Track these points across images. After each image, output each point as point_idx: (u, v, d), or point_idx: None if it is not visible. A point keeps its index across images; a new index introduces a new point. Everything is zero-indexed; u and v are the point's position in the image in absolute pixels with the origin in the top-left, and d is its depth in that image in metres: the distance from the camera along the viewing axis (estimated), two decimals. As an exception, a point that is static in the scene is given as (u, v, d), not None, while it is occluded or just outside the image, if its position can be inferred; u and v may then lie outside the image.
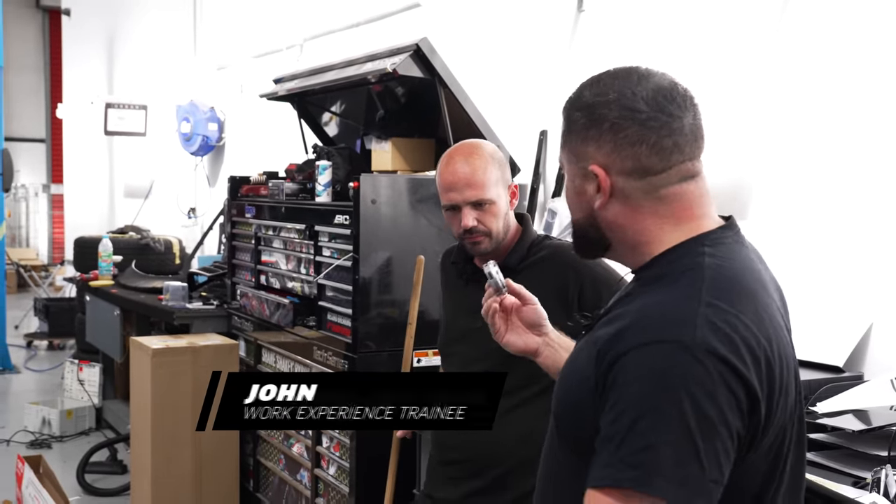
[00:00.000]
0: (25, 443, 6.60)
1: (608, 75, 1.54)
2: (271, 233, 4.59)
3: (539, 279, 2.41)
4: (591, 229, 1.54)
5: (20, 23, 18.38)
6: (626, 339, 1.34)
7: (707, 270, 1.40)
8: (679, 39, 3.41)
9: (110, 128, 8.28)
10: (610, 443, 1.31)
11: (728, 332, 1.32)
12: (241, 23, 6.90)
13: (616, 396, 1.32)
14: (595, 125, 1.48)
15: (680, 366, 1.28)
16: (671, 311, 1.35)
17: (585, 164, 1.50)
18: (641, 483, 1.27)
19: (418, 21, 4.88)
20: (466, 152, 2.56)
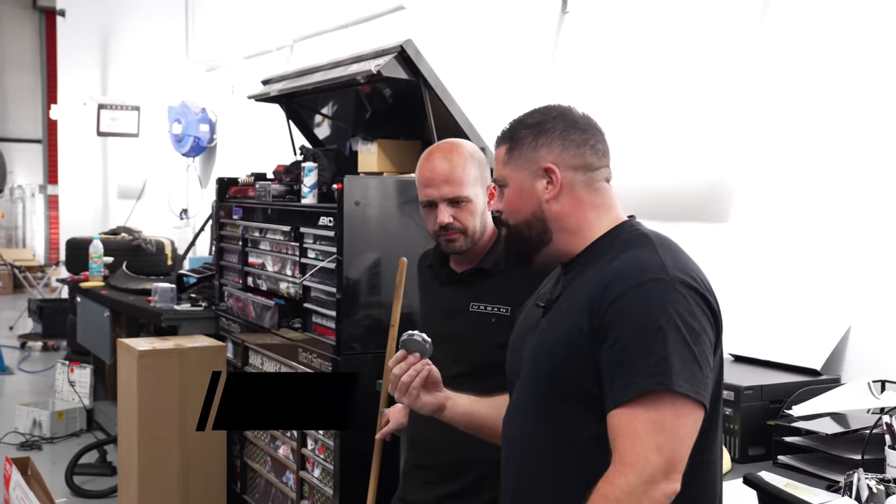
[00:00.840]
0: (16, 444, 6.59)
1: (541, 107, 1.94)
2: (258, 234, 4.59)
3: (515, 283, 2.39)
4: (536, 224, 1.88)
5: (17, 23, 18.39)
6: (616, 287, 1.70)
7: (651, 236, 1.83)
8: (662, 40, 3.40)
9: (103, 129, 8.27)
10: (625, 365, 1.65)
11: (688, 270, 1.74)
12: (232, 24, 6.90)
13: (619, 330, 1.67)
14: (545, 134, 1.88)
15: (665, 295, 1.67)
16: (644, 262, 1.73)
17: (537, 165, 1.87)
18: (665, 384, 1.62)
19: (405, 23, 4.88)
20: (446, 150, 2.58)
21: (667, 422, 1.62)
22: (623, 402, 1.64)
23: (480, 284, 2.60)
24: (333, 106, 4.94)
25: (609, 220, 1.89)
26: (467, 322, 2.57)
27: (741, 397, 2.48)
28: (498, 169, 1.94)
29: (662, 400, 1.62)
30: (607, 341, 1.69)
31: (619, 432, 1.65)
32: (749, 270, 3.08)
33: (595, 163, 1.88)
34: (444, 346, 2.52)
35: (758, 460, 2.48)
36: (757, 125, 3.10)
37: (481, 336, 2.53)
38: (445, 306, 2.64)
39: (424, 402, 2.09)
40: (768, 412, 2.51)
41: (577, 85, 3.75)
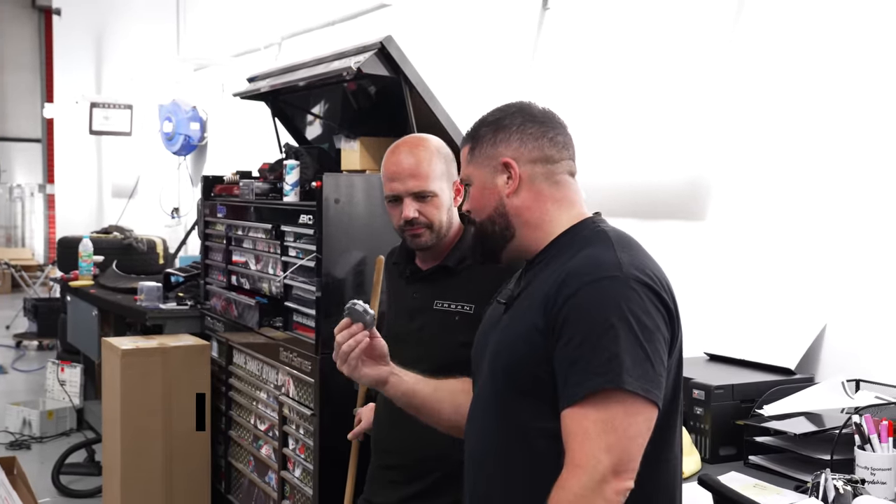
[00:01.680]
0: (5, 443, 6.57)
1: (502, 105, 1.93)
2: (241, 233, 4.56)
3: (480, 281, 2.37)
4: (498, 219, 1.87)
5: (16, 22, 18.40)
6: (571, 284, 1.69)
7: (610, 233, 1.81)
8: (641, 37, 3.37)
9: (95, 127, 8.25)
10: (577, 363, 1.64)
11: (642, 267, 1.71)
12: (222, 21, 6.88)
13: (573, 328, 1.66)
14: (503, 130, 1.88)
15: (619, 292, 1.66)
16: (599, 259, 1.72)
17: (496, 161, 1.87)
18: (614, 382, 1.60)
19: (391, 19, 4.85)
20: (412, 144, 2.56)
21: (616, 421, 1.61)
22: (574, 401, 1.63)
23: (444, 282, 2.57)
24: (318, 103, 4.91)
25: (571, 215, 1.87)
26: (431, 320, 2.55)
27: (712, 397, 2.45)
28: (462, 168, 1.95)
29: (612, 398, 1.61)
30: (561, 339, 1.67)
31: (571, 432, 1.64)
32: (725, 268, 3.05)
33: (555, 155, 1.87)
34: (408, 344, 2.53)
35: (729, 460, 2.45)
36: (735, 123, 3.07)
37: (445, 334, 2.51)
38: (410, 304, 2.62)
39: (364, 373, 2.06)
40: (740, 412, 2.48)
41: (558, 81, 3.72)
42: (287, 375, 4.03)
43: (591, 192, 3.40)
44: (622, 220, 3.37)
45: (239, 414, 4.61)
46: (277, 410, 4.12)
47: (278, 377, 4.13)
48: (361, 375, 2.05)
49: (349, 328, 2.03)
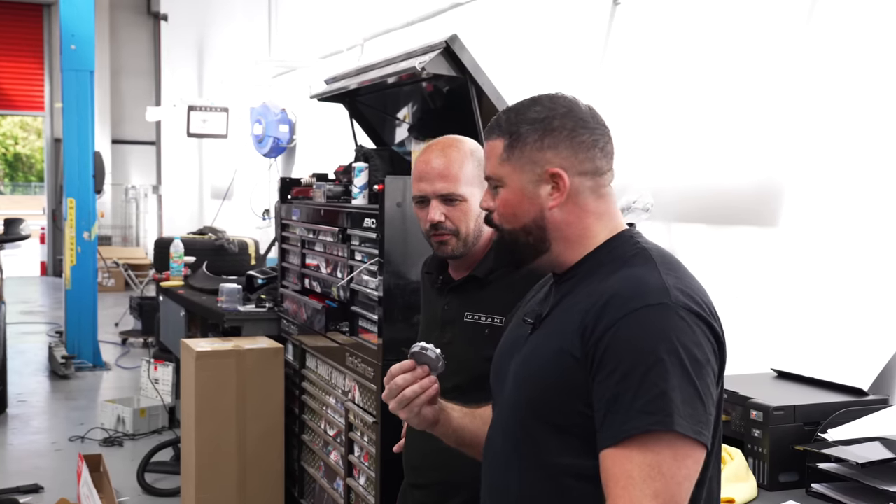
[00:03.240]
0: (99, 440, 6.73)
1: (544, 97, 1.75)
2: (312, 236, 4.53)
3: (511, 292, 2.22)
4: (535, 231, 1.71)
5: (132, 29, 18.97)
6: (612, 311, 1.54)
7: (652, 252, 1.67)
8: (713, 35, 3.19)
9: (193, 130, 8.40)
10: (620, 400, 1.49)
11: (691, 293, 1.57)
12: (309, 24, 6.90)
13: (616, 360, 1.51)
14: (552, 134, 1.69)
15: (668, 322, 1.51)
16: (644, 283, 1.57)
17: (542, 168, 1.69)
18: (664, 424, 1.45)
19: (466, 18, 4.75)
20: (444, 144, 2.44)
21: (664, 466, 1.46)
22: (616, 442, 1.49)
23: (475, 293, 2.45)
24: (396, 104, 4.85)
25: (609, 228, 1.73)
26: (462, 333, 2.44)
27: (770, 418, 2.27)
28: (492, 165, 1.76)
29: (661, 441, 1.47)
30: (601, 371, 1.53)
31: (612, 475, 1.50)
32: (797, 278, 2.84)
33: (603, 166, 1.71)
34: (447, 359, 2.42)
35: (790, 488, 2.26)
36: (810, 123, 2.85)
37: (475, 347, 2.38)
38: (442, 316, 2.51)
39: (423, 417, 1.92)
40: (802, 435, 2.29)
41: (628, 80, 3.55)
42: (353, 381, 3.97)
43: (659, 197, 3.24)
44: (690, 225, 3.19)
45: (311, 418, 4.58)
46: (344, 416, 4.06)
47: (345, 382, 4.08)
48: (421, 421, 1.92)
49: (414, 371, 1.89)
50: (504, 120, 1.75)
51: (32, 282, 17.55)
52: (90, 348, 9.48)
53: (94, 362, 9.44)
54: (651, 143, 3.40)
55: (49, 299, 15.00)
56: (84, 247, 9.41)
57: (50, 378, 9.00)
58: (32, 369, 9.36)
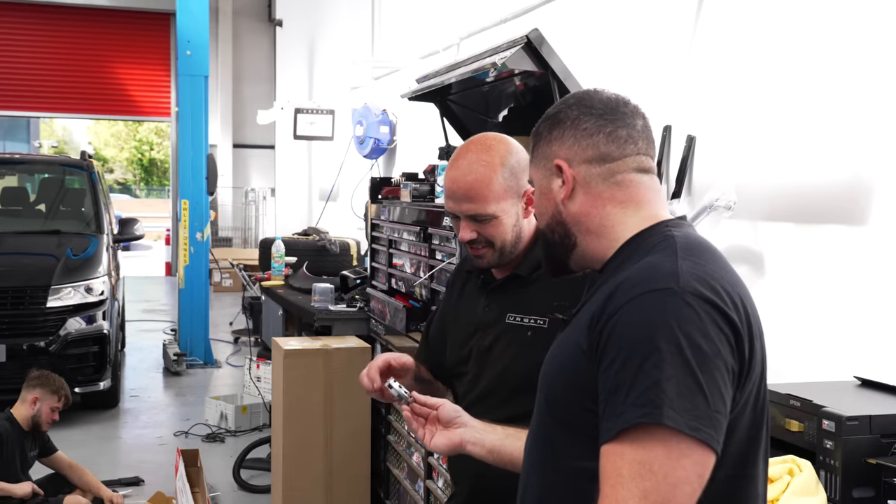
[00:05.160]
0: (202, 436, 6.87)
1: (567, 96, 1.71)
2: (398, 235, 4.50)
3: (554, 289, 2.15)
4: (557, 227, 1.66)
5: (254, 36, 19.44)
6: (616, 299, 1.44)
7: (677, 239, 1.54)
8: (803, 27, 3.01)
9: (300, 132, 8.51)
10: (618, 392, 1.38)
11: (706, 278, 1.44)
12: (410, 25, 6.90)
13: (615, 350, 1.40)
14: (557, 126, 1.65)
15: (671, 308, 1.38)
16: (654, 268, 1.46)
17: (550, 162, 1.65)
18: (652, 416, 1.32)
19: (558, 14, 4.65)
20: (472, 159, 2.22)
21: (656, 464, 1.33)
22: (610, 437, 1.37)
23: (517, 293, 2.31)
24: (485, 102, 4.78)
25: (639, 218, 1.62)
26: (503, 336, 2.29)
27: (843, 428, 2.10)
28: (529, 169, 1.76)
29: (653, 436, 1.33)
30: (603, 362, 1.42)
31: (604, 473, 1.38)
32: (887, 280, 2.64)
33: (613, 152, 1.61)
34: (479, 361, 2.32)
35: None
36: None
37: (518, 352, 2.25)
38: (482, 318, 2.36)
39: (437, 444, 1.94)
40: (878, 447, 2.12)
41: (714, 75, 3.40)
42: (433, 382, 3.92)
43: (743, 194, 3.08)
44: (777, 224, 3.03)
45: (396, 419, 4.55)
46: (424, 418, 4.01)
47: (426, 383, 4.03)
48: (435, 446, 1.93)
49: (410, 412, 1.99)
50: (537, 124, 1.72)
51: (157, 281, 18.16)
52: (202, 346, 9.72)
53: (206, 360, 9.67)
54: (736, 139, 3.24)
55: (170, 298, 15.47)
56: (197, 247, 9.66)
57: (163, 374, 9.26)
58: (147, 366, 9.66)
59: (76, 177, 8.87)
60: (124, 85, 19.06)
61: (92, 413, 7.43)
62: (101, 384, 7.30)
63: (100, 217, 8.16)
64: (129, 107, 19.34)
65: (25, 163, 10.30)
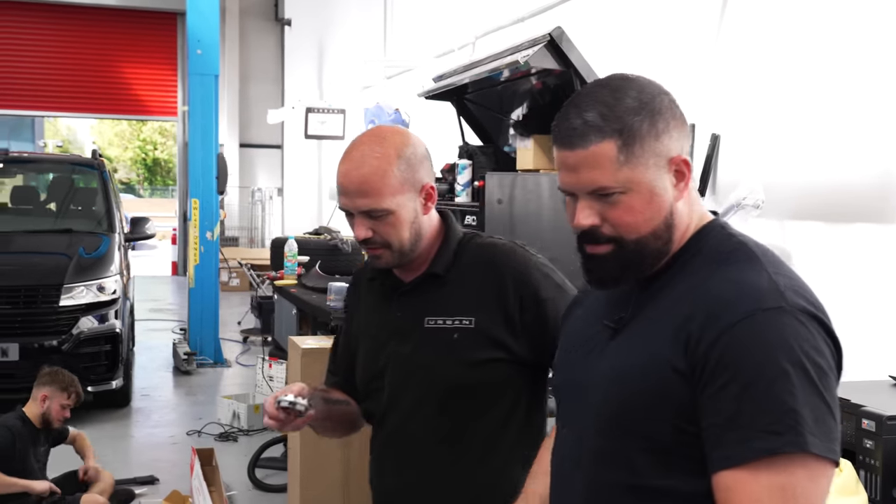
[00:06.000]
0: (215, 435, 6.86)
1: (624, 79, 1.53)
2: (416, 234, 4.49)
3: (473, 285, 2.10)
4: (664, 233, 1.51)
5: (261, 35, 19.44)
6: (723, 319, 1.38)
7: (752, 247, 1.49)
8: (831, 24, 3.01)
9: (310, 132, 8.51)
10: (740, 417, 1.34)
11: (803, 293, 1.41)
12: (423, 24, 6.90)
13: (730, 372, 1.36)
14: (659, 117, 1.49)
15: (788, 328, 1.35)
16: (754, 284, 1.40)
17: (663, 159, 1.49)
18: (797, 445, 1.31)
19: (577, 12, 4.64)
20: (366, 148, 2.08)
21: (799, 488, 1.33)
22: (739, 463, 1.35)
23: (434, 294, 2.16)
24: (501, 102, 4.78)
25: (698, 216, 1.56)
26: (424, 342, 2.14)
27: (884, 428, 2.09)
28: (608, 174, 1.48)
29: (794, 462, 1.33)
30: (711, 385, 1.38)
31: (735, 499, 1.36)
32: (921, 279, 2.64)
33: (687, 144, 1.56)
34: (400, 372, 2.17)
35: (905, 504, 2.09)
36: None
37: (444, 357, 2.11)
38: (394, 326, 2.19)
39: None
40: (919, 448, 2.11)
41: (740, 73, 3.39)
42: (453, 381, 3.91)
43: (771, 193, 3.07)
44: (805, 223, 3.02)
45: (414, 418, 4.54)
46: (445, 417, 4.01)
47: (446, 383, 4.02)
48: None
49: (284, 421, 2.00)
50: (598, 118, 1.48)
51: (164, 281, 18.16)
52: (211, 345, 9.72)
53: (215, 359, 9.67)
54: (762, 137, 3.23)
55: (178, 298, 15.48)
56: (207, 246, 9.66)
57: (173, 374, 9.26)
58: (157, 365, 9.65)
59: (87, 175, 8.87)
60: (130, 84, 19.08)
61: (104, 412, 7.42)
62: (114, 383, 7.30)
63: (111, 216, 8.16)
64: (136, 106, 19.36)
65: (36, 162, 10.29)
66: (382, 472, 2.28)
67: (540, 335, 2.06)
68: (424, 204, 2.11)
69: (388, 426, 2.20)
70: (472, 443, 2.10)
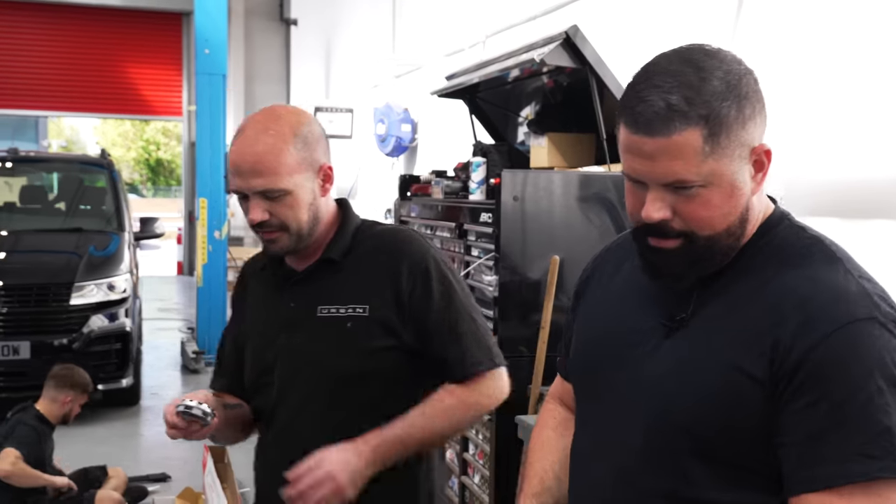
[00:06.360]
0: (225, 433, 6.88)
1: (707, 54, 1.37)
2: (430, 232, 4.51)
3: (368, 272, 2.05)
4: (738, 229, 1.39)
5: (266, 35, 19.45)
6: (815, 327, 1.29)
7: (828, 244, 1.40)
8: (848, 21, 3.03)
9: (319, 131, 8.54)
10: (830, 436, 1.26)
11: (891, 302, 1.33)
12: (432, 22, 6.92)
13: (823, 387, 1.27)
14: (747, 102, 1.35)
15: (883, 340, 1.27)
16: (843, 290, 1.32)
17: (746, 149, 1.35)
18: (894, 470, 1.24)
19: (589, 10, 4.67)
20: (260, 126, 1.99)
21: None
22: (827, 486, 1.28)
23: (327, 281, 2.10)
24: (514, 100, 4.80)
25: (763, 204, 1.44)
26: (316, 332, 2.07)
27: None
28: (692, 166, 1.33)
29: (889, 488, 1.26)
30: (800, 399, 1.30)
31: None
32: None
33: None
34: (290, 365, 2.09)
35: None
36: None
37: (337, 347, 2.05)
38: (286, 316, 2.12)
39: None
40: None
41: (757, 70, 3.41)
42: (468, 378, 3.93)
43: (789, 189, 3.09)
44: (823, 219, 3.04)
45: (427, 415, 4.56)
46: (459, 413, 4.03)
47: (461, 379, 4.04)
48: None
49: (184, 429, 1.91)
50: (683, 101, 1.32)
51: (169, 281, 18.20)
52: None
53: (223, 357, 9.69)
54: (782, 134, 3.25)
55: (184, 297, 15.52)
56: (215, 245, 9.68)
57: (181, 372, 9.28)
58: (165, 364, 9.68)
59: (96, 175, 8.89)
60: (135, 84, 19.10)
61: (113, 410, 7.44)
62: (124, 381, 7.31)
63: (121, 214, 8.18)
64: (140, 106, 19.38)
65: (45, 161, 10.31)
66: (267, 473, 2.12)
67: (423, 323, 2.02)
68: (322, 185, 2.05)
69: (276, 424, 2.10)
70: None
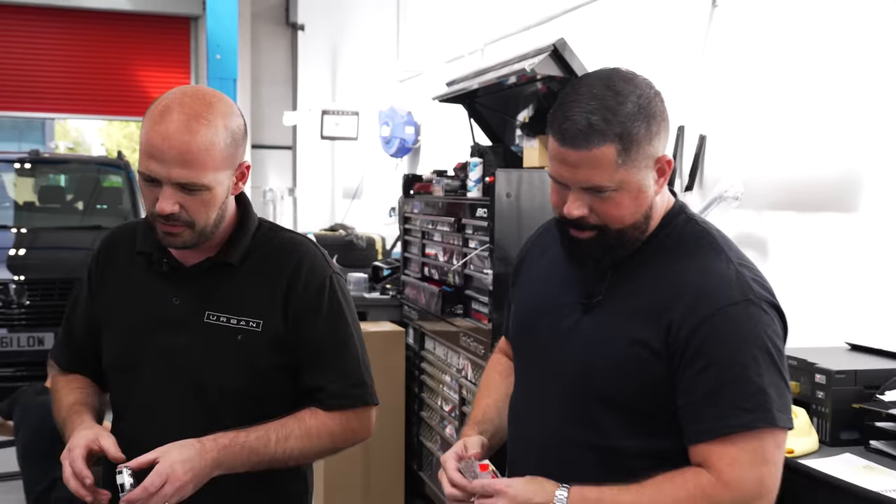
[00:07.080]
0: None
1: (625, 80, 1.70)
2: (431, 227, 4.88)
3: (266, 283, 1.95)
4: (642, 223, 1.74)
5: (272, 39, 19.78)
6: (699, 310, 1.64)
7: (715, 236, 1.76)
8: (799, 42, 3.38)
9: (326, 133, 8.88)
10: (716, 396, 1.61)
11: (762, 282, 1.69)
12: (434, 30, 7.26)
13: (709, 357, 1.62)
14: (654, 121, 1.68)
15: (756, 318, 1.62)
16: (724, 278, 1.66)
17: (651, 160, 1.69)
18: (767, 421, 1.60)
19: (580, 22, 5.01)
20: (192, 112, 1.79)
21: (768, 454, 1.63)
22: (717, 436, 1.63)
23: (221, 285, 1.94)
24: (509, 105, 5.15)
25: (664, 199, 1.80)
26: (201, 339, 1.91)
27: (832, 380, 2.47)
28: (606, 175, 1.64)
29: (763, 435, 1.62)
30: (692, 367, 1.65)
31: (715, 459, 1.63)
32: (875, 261, 3.02)
33: None
34: (167, 366, 1.93)
35: (850, 444, 2.46)
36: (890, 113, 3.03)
37: (222, 359, 1.90)
38: (167, 312, 1.93)
39: None
40: (863, 397, 2.48)
41: (724, 78, 3.76)
42: (466, 360, 4.30)
43: (749, 186, 3.45)
44: (780, 212, 3.39)
45: (429, 396, 4.93)
46: (458, 392, 4.39)
47: (459, 361, 4.41)
48: None
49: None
50: (601, 122, 1.61)
51: (177, 279, 18.48)
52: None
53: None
54: (743, 137, 3.61)
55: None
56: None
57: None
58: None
59: (112, 175, 9.25)
60: (144, 87, 19.39)
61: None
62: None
63: (138, 213, 8.55)
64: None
65: (64, 162, 10.67)
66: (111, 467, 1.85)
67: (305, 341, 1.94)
68: (236, 184, 1.94)
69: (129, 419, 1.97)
70: None
